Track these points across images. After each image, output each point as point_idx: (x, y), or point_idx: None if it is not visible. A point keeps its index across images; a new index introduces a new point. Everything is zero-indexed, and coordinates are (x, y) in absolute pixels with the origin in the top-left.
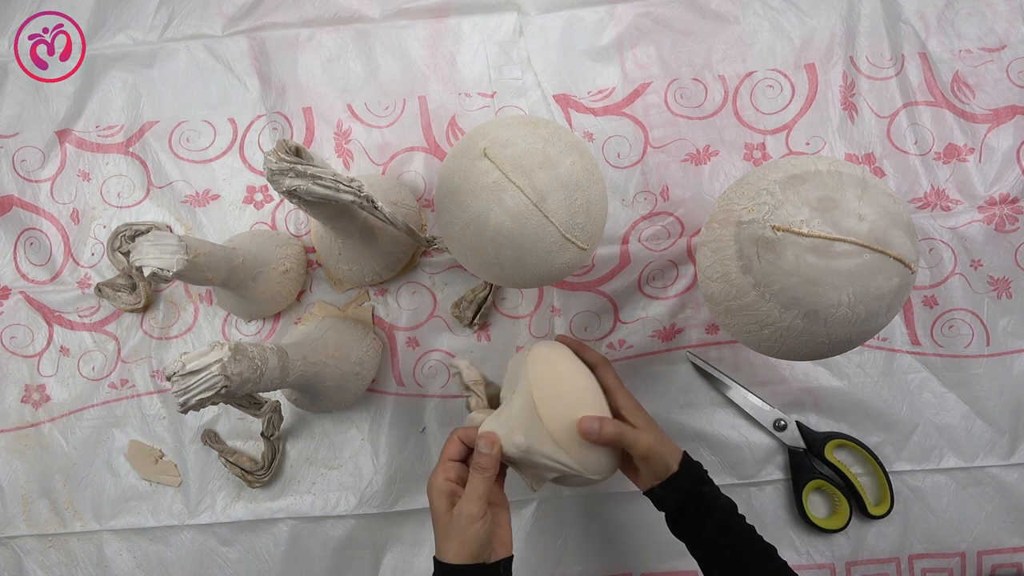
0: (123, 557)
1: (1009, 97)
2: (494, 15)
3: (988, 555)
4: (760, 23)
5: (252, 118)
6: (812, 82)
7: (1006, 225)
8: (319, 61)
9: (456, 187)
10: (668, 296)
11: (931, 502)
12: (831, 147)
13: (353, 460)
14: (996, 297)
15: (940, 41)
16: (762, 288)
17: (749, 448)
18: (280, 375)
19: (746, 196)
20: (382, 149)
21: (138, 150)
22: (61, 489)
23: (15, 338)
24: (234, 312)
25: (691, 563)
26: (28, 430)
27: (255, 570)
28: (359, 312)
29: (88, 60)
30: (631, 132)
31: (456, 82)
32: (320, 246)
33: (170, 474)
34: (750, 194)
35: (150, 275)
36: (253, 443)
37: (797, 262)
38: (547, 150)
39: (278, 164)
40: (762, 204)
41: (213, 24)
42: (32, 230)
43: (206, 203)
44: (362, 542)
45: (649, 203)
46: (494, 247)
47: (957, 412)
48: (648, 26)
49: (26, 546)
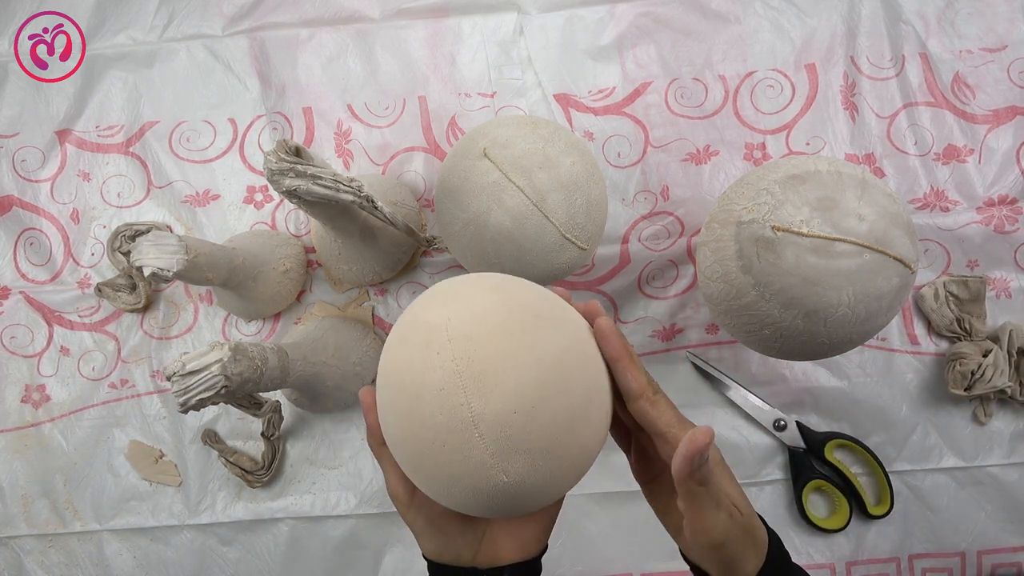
0: (123, 557)
1: (1009, 97)
2: (494, 15)
3: (988, 555)
4: (761, 23)
5: (252, 118)
6: (812, 82)
7: (1005, 226)
8: (319, 61)
9: (456, 187)
10: (668, 296)
11: (931, 502)
12: (831, 147)
13: (353, 460)
14: (995, 298)
15: (940, 41)
16: (762, 288)
17: (749, 448)
18: (280, 375)
19: (746, 196)
20: (382, 149)
21: (138, 150)
22: (61, 489)
23: (15, 338)
24: (234, 312)
25: None
26: (28, 430)
27: (255, 570)
28: (359, 312)
29: (88, 60)
30: (631, 132)
31: (456, 82)
32: (320, 246)
33: (170, 474)
34: (750, 194)
35: (150, 275)
36: (253, 443)
37: (797, 262)
38: (547, 150)
39: (278, 164)
40: (762, 204)
41: (213, 24)
42: (32, 230)
43: (206, 203)
44: (362, 542)
45: (649, 203)
46: (494, 247)
47: (957, 412)
48: (649, 26)
49: (26, 546)
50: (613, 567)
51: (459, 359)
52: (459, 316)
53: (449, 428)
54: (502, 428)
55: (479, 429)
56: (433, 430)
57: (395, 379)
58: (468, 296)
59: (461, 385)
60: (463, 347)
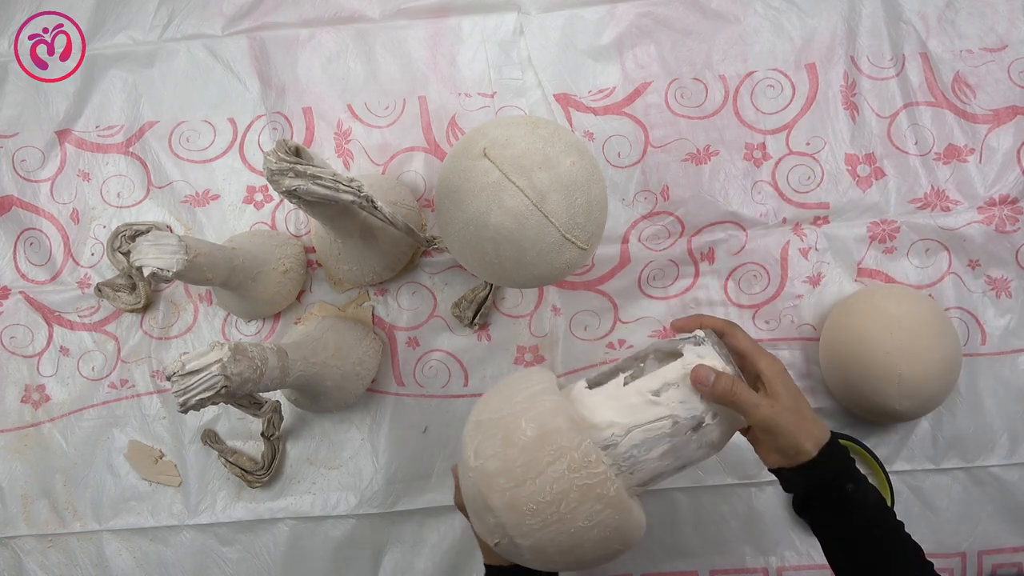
0: (123, 557)
1: (1010, 97)
2: (494, 15)
3: (989, 555)
4: (761, 23)
5: (252, 118)
6: (813, 82)
7: (1006, 225)
8: (319, 61)
9: (456, 187)
10: (668, 296)
11: (932, 502)
12: (831, 147)
13: (353, 460)
14: (995, 297)
15: (941, 41)
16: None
17: (749, 448)
18: (280, 375)
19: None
20: (382, 149)
21: (138, 150)
22: (61, 489)
23: (15, 338)
24: (234, 312)
25: (691, 564)
26: (28, 430)
27: (255, 570)
28: (359, 312)
29: (88, 60)
30: (631, 131)
31: (456, 82)
32: (320, 246)
33: (170, 474)
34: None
35: (150, 275)
36: (253, 443)
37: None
38: (547, 150)
39: (278, 164)
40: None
41: (213, 24)
42: (32, 230)
43: (206, 203)
44: (362, 542)
45: (649, 202)
46: (494, 247)
47: (957, 412)
48: (649, 25)
49: (26, 546)
50: (613, 567)
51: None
52: None
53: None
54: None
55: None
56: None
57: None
58: None
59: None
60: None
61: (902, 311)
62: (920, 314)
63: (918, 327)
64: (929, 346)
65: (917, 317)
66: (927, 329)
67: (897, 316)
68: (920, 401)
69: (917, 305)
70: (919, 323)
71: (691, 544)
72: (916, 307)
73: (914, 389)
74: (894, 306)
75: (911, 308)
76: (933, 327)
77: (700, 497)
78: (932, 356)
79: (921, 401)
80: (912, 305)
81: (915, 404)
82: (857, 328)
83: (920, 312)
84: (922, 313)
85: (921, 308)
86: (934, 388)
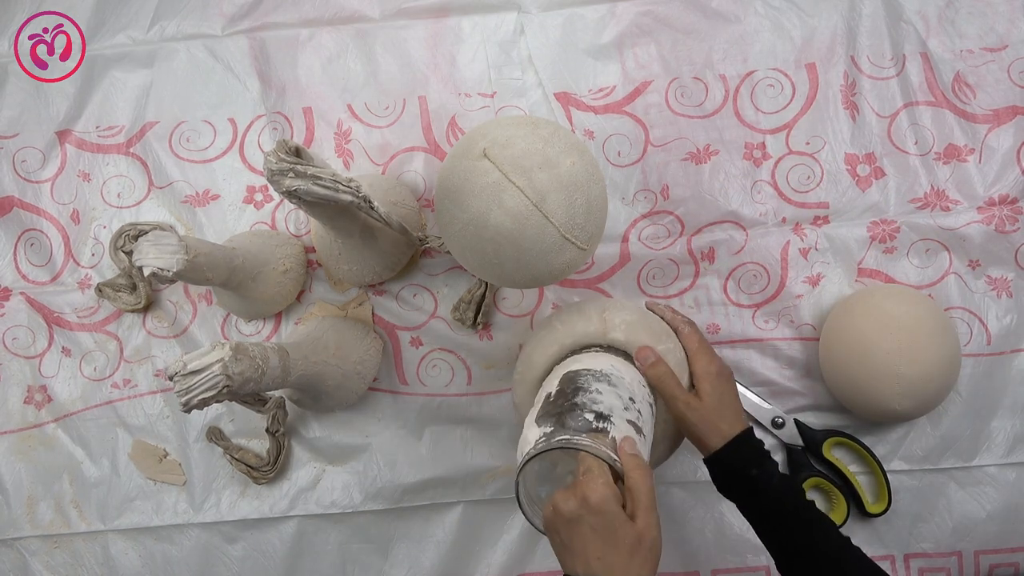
0: (129, 556)
1: (1010, 97)
2: (494, 14)
3: (986, 555)
4: (761, 22)
5: (252, 118)
6: (813, 81)
7: (1006, 225)
8: (319, 61)
9: (456, 187)
10: (668, 295)
11: (929, 501)
12: (831, 147)
13: (358, 457)
14: (996, 297)
15: (941, 41)
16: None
17: None
18: (282, 375)
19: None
20: (382, 149)
21: (138, 150)
22: (65, 490)
23: (17, 339)
24: (234, 312)
25: (690, 564)
26: (31, 431)
27: (261, 567)
28: (359, 312)
29: (88, 60)
30: (632, 131)
31: (456, 82)
32: (320, 246)
33: (174, 473)
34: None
35: (150, 275)
36: (258, 441)
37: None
38: (547, 150)
39: (278, 164)
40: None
41: (213, 24)
42: (32, 231)
43: (206, 203)
44: (368, 537)
45: (649, 202)
46: (494, 247)
47: (956, 411)
48: (649, 24)
49: (31, 547)
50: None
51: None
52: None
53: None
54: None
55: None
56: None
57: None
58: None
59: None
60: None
61: (902, 311)
62: (920, 314)
63: (918, 327)
64: (929, 346)
65: (917, 317)
66: (927, 329)
67: (897, 316)
68: (919, 401)
69: (917, 305)
70: (919, 323)
71: (693, 544)
72: (916, 307)
73: (913, 389)
74: (894, 306)
75: (911, 308)
76: (933, 327)
77: (701, 496)
78: (932, 356)
79: (920, 401)
80: (912, 305)
81: (914, 404)
82: (857, 328)
83: (920, 312)
84: (922, 313)
85: (921, 308)
86: (933, 388)
